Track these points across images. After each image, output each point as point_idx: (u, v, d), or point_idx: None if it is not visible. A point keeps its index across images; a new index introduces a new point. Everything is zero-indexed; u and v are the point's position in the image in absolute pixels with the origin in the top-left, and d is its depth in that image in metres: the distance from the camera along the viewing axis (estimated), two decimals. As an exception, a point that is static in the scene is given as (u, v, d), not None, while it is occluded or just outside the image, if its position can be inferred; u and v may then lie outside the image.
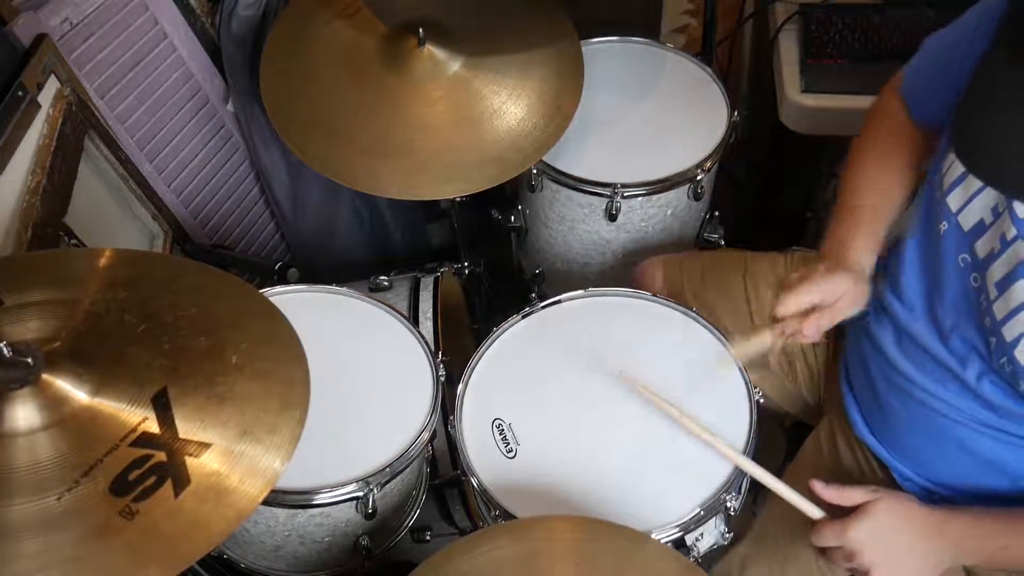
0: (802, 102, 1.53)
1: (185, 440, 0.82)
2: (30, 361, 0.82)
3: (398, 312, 1.28)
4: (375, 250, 1.89)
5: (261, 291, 1.20)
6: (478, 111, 1.34)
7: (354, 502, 1.11)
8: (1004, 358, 0.89)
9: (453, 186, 1.33)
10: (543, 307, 1.25)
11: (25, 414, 0.80)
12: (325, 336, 1.19)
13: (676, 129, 1.49)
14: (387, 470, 1.11)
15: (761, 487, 1.00)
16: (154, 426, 0.82)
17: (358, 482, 1.10)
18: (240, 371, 0.89)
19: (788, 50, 1.61)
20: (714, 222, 1.56)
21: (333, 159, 1.33)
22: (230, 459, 0.82)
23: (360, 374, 1.22)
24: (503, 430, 1.12)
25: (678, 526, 1.02)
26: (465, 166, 1.32)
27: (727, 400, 1.12)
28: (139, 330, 0.90)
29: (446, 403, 1.21)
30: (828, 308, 1.00)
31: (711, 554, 1.10)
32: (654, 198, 1.43)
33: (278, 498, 1.08)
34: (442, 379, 1.20)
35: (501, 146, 1.33)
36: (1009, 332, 0.88)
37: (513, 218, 1.58)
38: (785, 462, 1.29)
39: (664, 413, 1.07)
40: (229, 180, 1.75)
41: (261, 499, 0.81)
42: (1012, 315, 0.87)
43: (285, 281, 1.50)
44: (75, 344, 0.87)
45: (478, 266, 1.71)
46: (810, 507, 0.97)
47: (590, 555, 0.92)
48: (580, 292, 1.26)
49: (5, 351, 0.80)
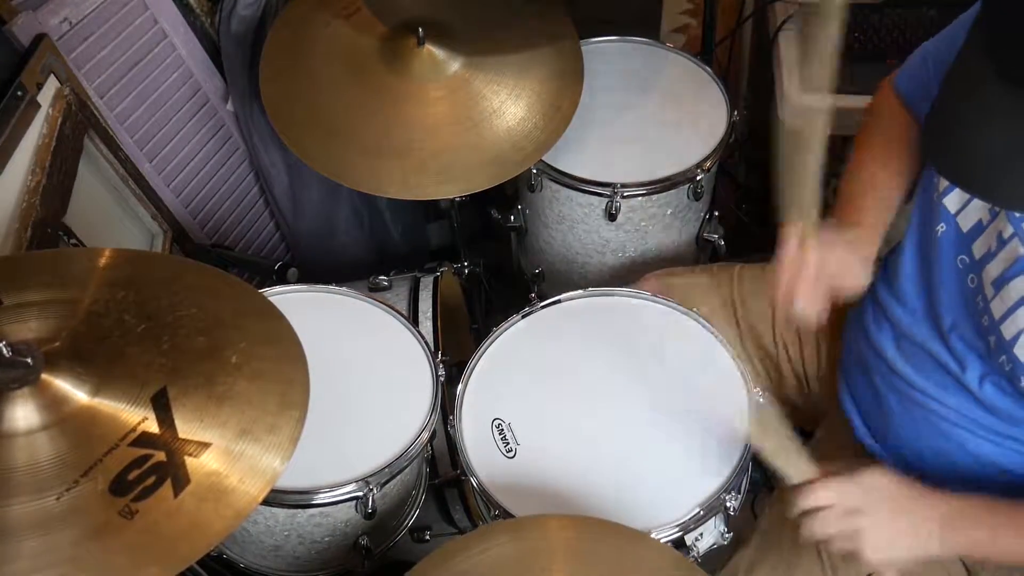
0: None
1: (184, 440, 0.82)
2: (30, 361, 0.82)
3: (398, 312, 1.28)
4: (374, 250, 1.89)
5: (261, 291, 1.20)
6: (478, 111, 1.34)
7: (354, 502, 1.11)
8: (1004, 356, 0.89)
9: (453, 186, 1.33)
10: (543, 307, 1.25)
11: (25, 414, 0.80)
12: (325, 336, 1.19)
13: (676, 129, 1.48)
14: (387, 470, 1.11)
15: (761, 487, 1.00)
16: (154, 426, 0.82)
17: (358, 482, 1.10)
18: (240, 371, 0.89)
19: (788, 50, 1.61)
20: (714, 222, 1.56)
21: (333, 159, 1.33)
22: (229, 459, 0.82)
23: (360, 374, 1.22)
24: (503, 430, 1.12)
25: (678, 526, 1.02)
26: (465, 166, 1.32)
27: (727, 400, 1.12)
28: (139, 330, 0.90)
29: (446, 403, 1.21)
30: (831, 279, 0.99)
31: (711, 554, 1.10)
32: (654, 198, 1.43)
33: (278, 498, 1.08)
34: (442, 379, 1.20)
35: (501, 146, 1.33)
36: (1007, 330, 0.88)
37: (513, 218, 1.58)
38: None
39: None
40: (229, 180, 1.74)
41: (261, 499, 0.81)
42: (1010, 313, 0.87)
43: (285, 281, 1.49)
44: (75, 344, 0.87)
45: (478, 266, 1.71)
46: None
47: (589, 554, 0.92)
48: (580, 292, 1.26)
49: (5, 351, 0.80)
